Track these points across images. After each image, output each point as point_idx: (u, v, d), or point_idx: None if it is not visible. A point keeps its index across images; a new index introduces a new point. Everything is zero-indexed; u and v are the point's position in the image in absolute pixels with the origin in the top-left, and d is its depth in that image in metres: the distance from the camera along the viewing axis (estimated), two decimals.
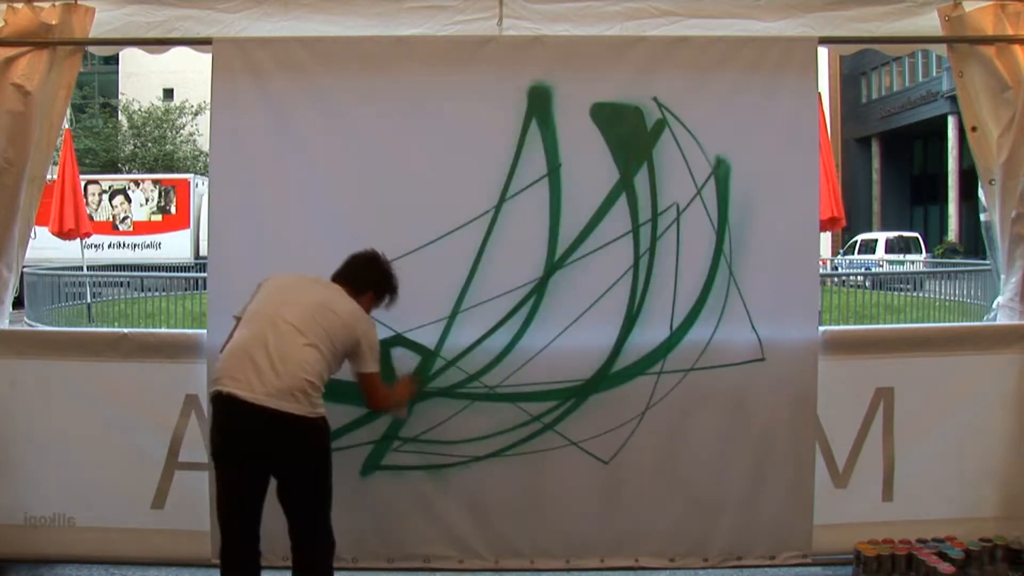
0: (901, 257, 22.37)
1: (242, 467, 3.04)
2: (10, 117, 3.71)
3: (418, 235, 3.73)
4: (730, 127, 3.76)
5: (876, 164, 35.42)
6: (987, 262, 4.35)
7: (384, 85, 3.76)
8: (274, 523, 3.16)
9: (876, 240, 25.82)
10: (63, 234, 12.16)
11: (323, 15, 3.93)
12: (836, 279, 15.79)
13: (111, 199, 21.98)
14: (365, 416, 3.72)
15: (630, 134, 3.74)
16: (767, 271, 3.77)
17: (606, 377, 3.77)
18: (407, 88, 3.76)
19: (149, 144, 31.51)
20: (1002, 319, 4.01)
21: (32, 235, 4.05)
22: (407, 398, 3.57)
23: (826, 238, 24.93)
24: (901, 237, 25.52)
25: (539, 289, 3.75)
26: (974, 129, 3.91)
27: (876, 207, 35.05)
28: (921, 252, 23.67)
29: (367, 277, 3.34)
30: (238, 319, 3.20)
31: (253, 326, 3.09)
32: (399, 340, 3.73)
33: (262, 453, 3.01)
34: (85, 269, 13.96)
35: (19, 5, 3.77)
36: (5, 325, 4.00)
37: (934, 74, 29.88)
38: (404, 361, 3.71)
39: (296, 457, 3.06)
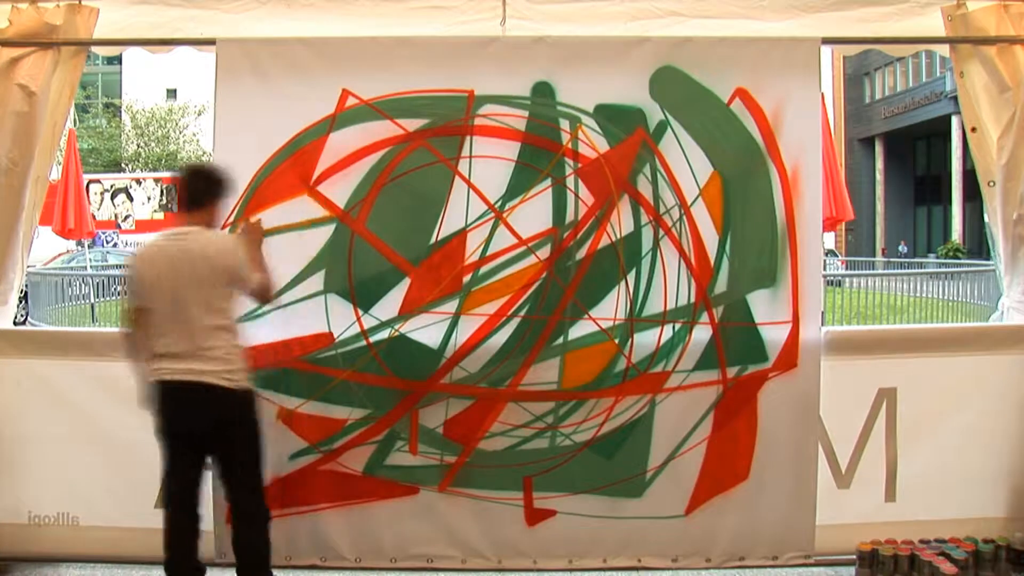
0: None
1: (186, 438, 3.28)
2: (15, 117, 3.72)
3: (421, 236, 3.74)
4: (733, 128, 3.76)
5: (879, 164, 35.38)
6: (990, 263, 4.34)
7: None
8: (276, 523, 3.16)
9: None
10: (65, 234, 12.17)
11: (326, 15, 3.93)
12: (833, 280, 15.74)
13: (113, 198, 22.03)
14: (366, 416, 3.73)
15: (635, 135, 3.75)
16: (770, 271, 3.77)
17: (609, 377, 3.77)
18: None
19: (152, 144, 31.56)
20: (1009, 320, 4.00)
21: (34, 235, 4.05)
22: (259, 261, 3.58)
23: (830, 237, 24.88)
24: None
25: (540, 289, 3.76)
26: (974, 130, 3.90)
27: (879, 207, 35.03)
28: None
29: (197, 190, 3.35)
30: (140, 309, 3.28)
31: (162, 311, 3.22)
32: (402, 339, 3.74)
33: (201, 422, 3.25)
34: (88, 268, 13.98)
35: (23, 5, 3.78)
36: (10, 325, 4.02)
37: (938, 74, 29.84)
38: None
39: (227, 422, 3.27)
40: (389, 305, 3.75)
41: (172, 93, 35.03)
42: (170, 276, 3.20)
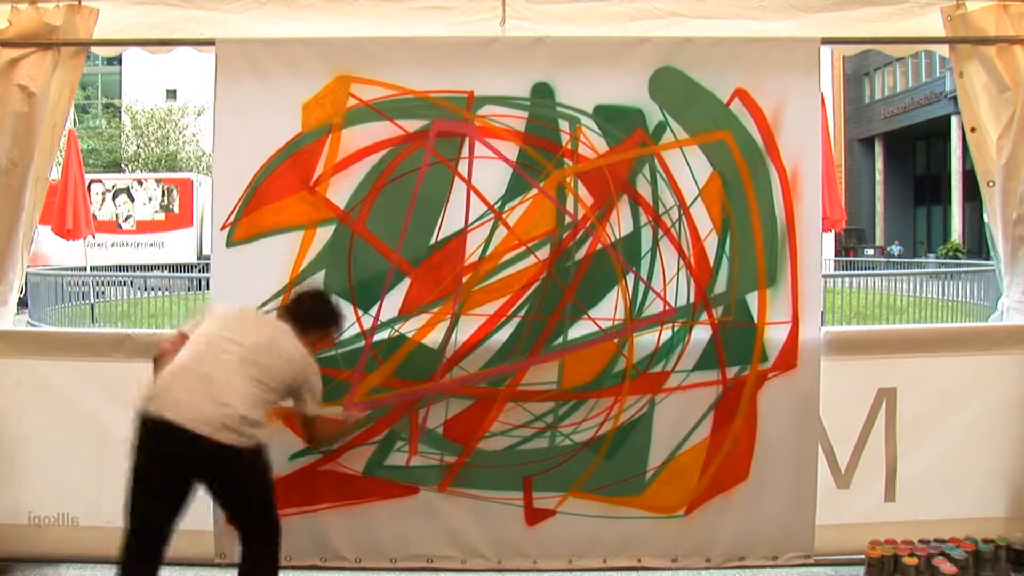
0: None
1: (167, 485, 2.95)
2: (15, 118, 3.72)
3: (421, 236, 3.74)
4: (732, 128, 3.76)
5: (879, 165, 35.38)
6: (990, 263, 4.34)
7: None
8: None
9: None
10: (65, 234, 12.16)
11: (326, 16, 3.93)
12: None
13: (114, 198, 22.03)
14: (367, 417, 3.74)
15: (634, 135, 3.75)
16: (770, 271, 3.77)
17: (608, 377, 3.77)
18: None
19: (152, 144, 31.57)
20: (1009, 320, 4.01)
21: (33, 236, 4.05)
22: (342, 431, 3.55)
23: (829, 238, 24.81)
24: None
25: (540, 289, 3.76)
26: (973, 130, 3.90)
27: (879, 207, 35.03)
28: None
29: (314, 316, 3.28)
30: (183, 335, 3.15)
31: (197, 350, 3.01)
32: (402, 339, 3.74)
33: (190, 476, 2.94)
34: (88, 269, 13.97)
35: (23, 6, 3.78)
36: (9, 326, 4.02)
37: (937, 74, 29.84)
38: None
39: (226, 479, 2.98)
40: (389, 305, 3.76)
41: (172, 93, 35.03)
42: (247, 334, 3.06)
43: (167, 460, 2.92)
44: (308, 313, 3.27)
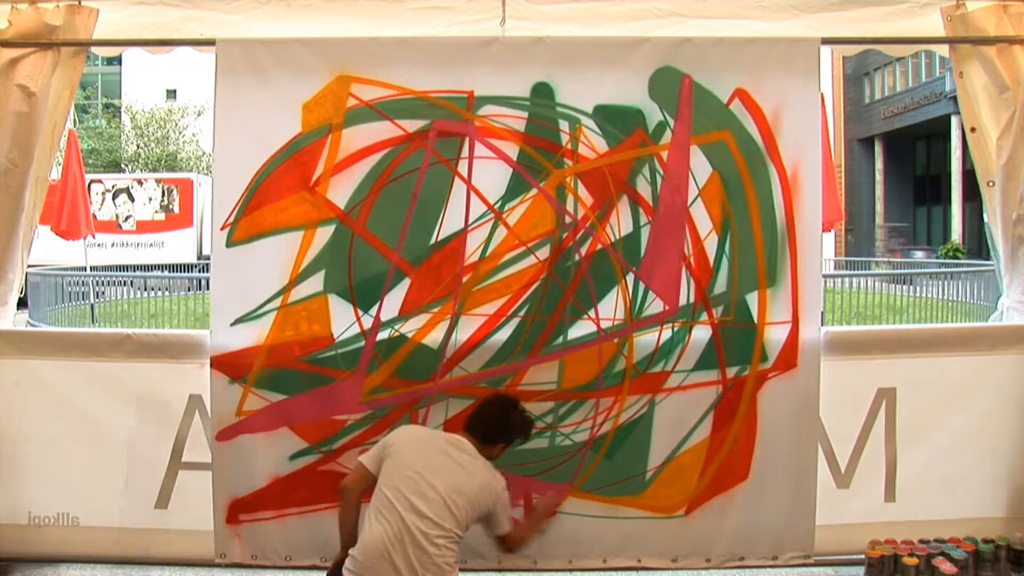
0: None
1: None
2: (15, 118, 3.72)
3: (421, 236, 3.74)
4: (732, 128, 3.76)
5: (879, 164, 35.36)
6: (990, 263, 4.35)
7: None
8: (276, 524, 3.16)
9: None
10: (63, 234, 12.16)
11: (326, 16, 3.94)
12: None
13: (114, 198, 22.03)
14: (366, 417, 3.74)
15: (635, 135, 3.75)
16: (770, 271, 3.77)
17: (608, 377, 3.77)
18: None
19: (152, 144, 31.58)
20: (1009, 320, 4.01)
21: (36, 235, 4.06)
22: (537, 529, 3.50)
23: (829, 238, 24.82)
24: None
25: (540, 289, 3.76)
26: (973, 130, 3.90)
27: (879, 207, 35.01)
28: None
29: (501, 430, 3.26)
30: (365, 467, 3.11)
31: (389, 522, 2.95)
32: (402, 339, 3.74)
33: None
34: (88, 269, 13.98)
35: (23, 6, 3.78)
36: (9, 326, 4.02)
37: (937, 74, 29.80)
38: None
39: None
40: (389, 305, 3.76)
41: (172, 94, 35.05)
42: (437, 473, 3.02)
43: None
44: (492, 428, 3.23)
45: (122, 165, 31.24)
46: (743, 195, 3.76)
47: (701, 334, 3.78)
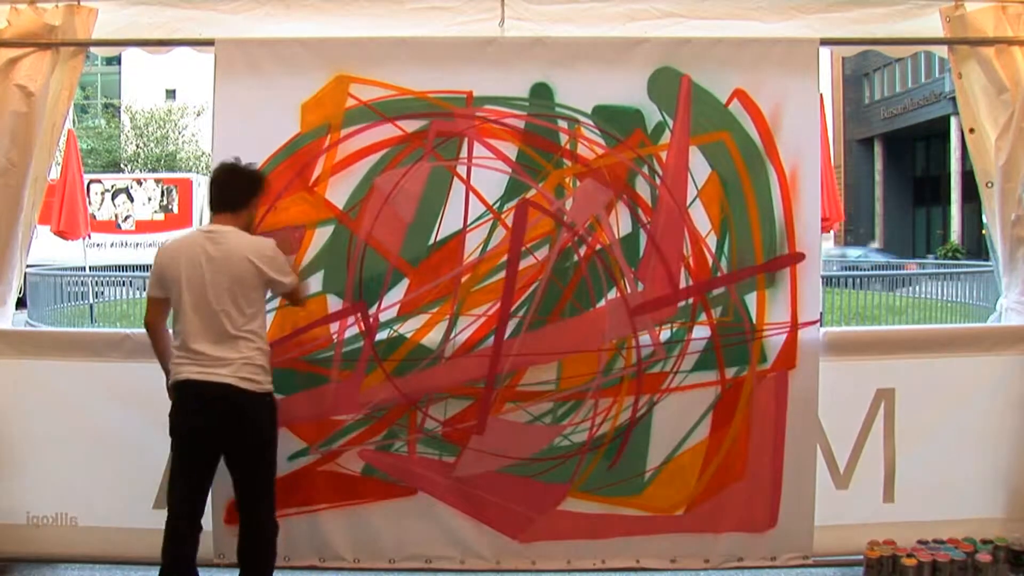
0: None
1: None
2: (13, 118, 3.72)
3: (420, 237, 3.74)
4: (731, 129, 3.76)
5: (878, 165, 35.39)
6: (989, 263, 4.35)
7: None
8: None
9: None
10: (61, 234, 12.13)
11: (325, 16, 3.94)
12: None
13: (113, 198, 22.01)
14: (365, 417, 3.74)
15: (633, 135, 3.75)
16: (768, 272, 3.77)
17: (607, 378, 3.77)
18: None
19: (151, 145, 31.58)
20: (1007, 320, 4.01)
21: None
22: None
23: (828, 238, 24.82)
24: None
25: (539, 289, 3.76)
26: (972, 131, 3.91)
27: (878, 208, 35.04)
28: None
29: (238, 192, 3.34)
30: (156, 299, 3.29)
31: (192, 319, 3.19)
32: (401, 339, 3.74)
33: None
34: (87, 269, 13.97)
35: (22, 6, 3.78)
36: (8, 326, 4.02)
37: (937, 75, 29.83)
38: None
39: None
40: (388, 305, 3.75)
41: (171, 94, 35.07)
42: (205, 274, 3.17)
43: (194, 415, 3.20)
44: (230, 196, 3.33)
45: (121, 165, 31.23)
46: (742, 196, 3.76)
47: (700, 335, 3.77)
